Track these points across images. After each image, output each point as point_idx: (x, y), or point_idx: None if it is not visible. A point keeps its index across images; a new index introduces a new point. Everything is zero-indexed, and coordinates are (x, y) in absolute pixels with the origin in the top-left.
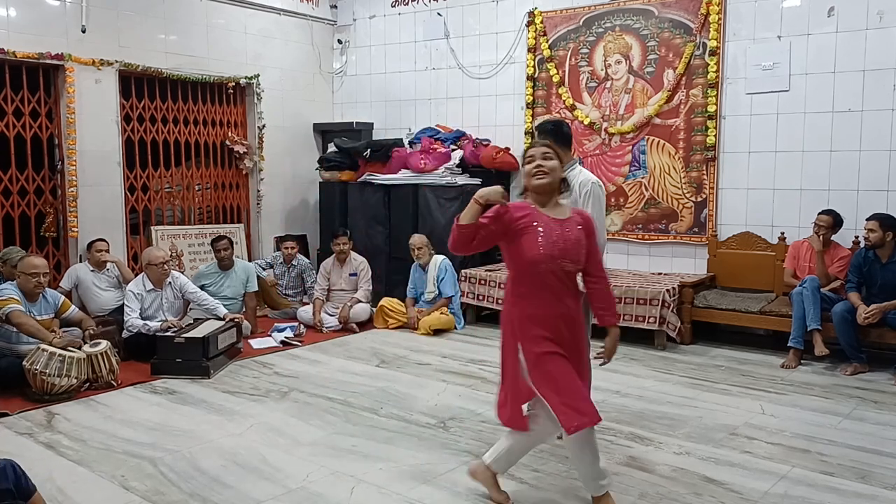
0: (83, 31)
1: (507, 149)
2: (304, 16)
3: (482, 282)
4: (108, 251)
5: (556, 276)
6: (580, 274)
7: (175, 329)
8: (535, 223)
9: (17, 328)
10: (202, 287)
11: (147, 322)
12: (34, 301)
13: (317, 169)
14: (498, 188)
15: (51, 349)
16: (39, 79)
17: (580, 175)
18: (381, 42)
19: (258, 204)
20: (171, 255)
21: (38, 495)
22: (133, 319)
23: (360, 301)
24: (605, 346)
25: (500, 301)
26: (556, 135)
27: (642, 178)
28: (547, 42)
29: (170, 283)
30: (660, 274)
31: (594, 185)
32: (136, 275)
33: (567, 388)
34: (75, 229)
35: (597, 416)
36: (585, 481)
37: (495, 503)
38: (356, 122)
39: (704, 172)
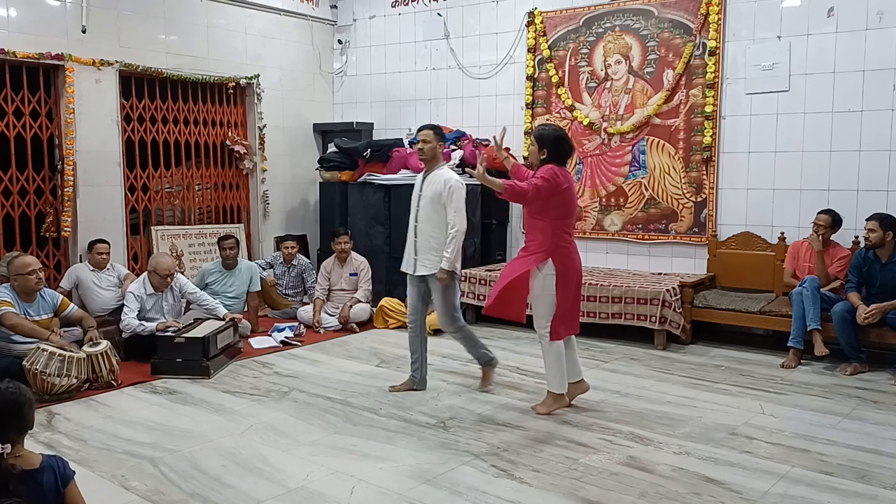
0: (83, 32)
1: (507, 149)
2: (304, 16)
3: (482, 282)
4: (108, 253)
5: None
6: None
7: (173, 329)
8: None
9: (12, 329)
10: (206, 285)
11: (143, 323)
12: (31, 301)
13: (317, 169)
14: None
15: (50, 349)
16: (39, 79)
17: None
18: (381, 42)
19: (266, 205)
20: (176, 267)
21: (73, 484)
22: (129, 320)
23: (361, 301)
24: None
25: None
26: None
27: (642, 178)
28: (547, 42)
29: (170, 285)
30: (660, 274)
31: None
32: (138, 275)
33: None
34: (71, 229)
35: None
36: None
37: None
38: (356, 122)
39: (704, 172)
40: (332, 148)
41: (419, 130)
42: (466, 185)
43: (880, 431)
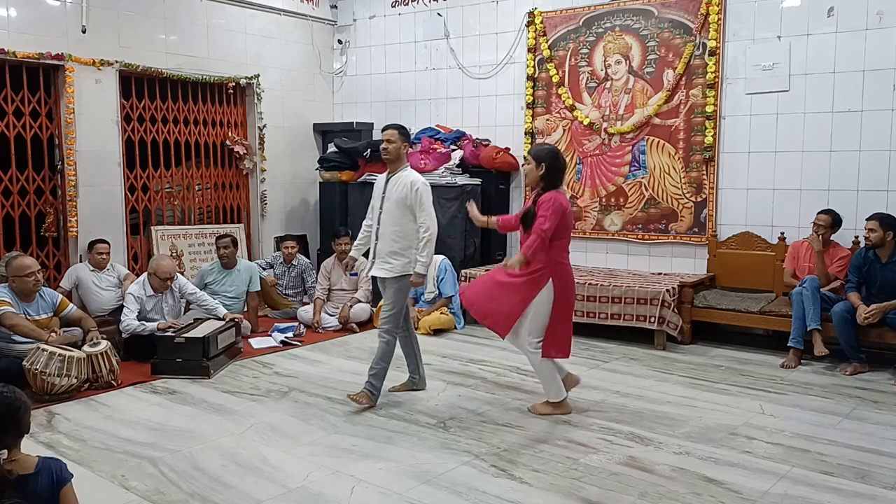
0: (83, 32)
1: (507, 149)
2: (304, 16)
3: None
4: (108, 253)
5: None
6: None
7: (174, 329)
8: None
9: (11, 329)
10: (206, 285)
11: (143, 323)
12: (30, 301)
13: (317, 169)
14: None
15: (51, 349)
16: (39, 79)
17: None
18: (381, 42)
19: (264, 205)
20: (177, 268)
21: (69, 486)
22: (129, 321)
23: (361, 301)
24: None
25: None
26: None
27: (642, 178)
28: (547, 42)
29: (170, 287)
30: (660, 274)
31: None
32: (138, 275)
33: None
34: (75, 229)
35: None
36: None
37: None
38: (356, 122)
39: (704, 172)
40: (332, 148)
41: (383, 130)
42: (465, 185)
43: (880, 431)
